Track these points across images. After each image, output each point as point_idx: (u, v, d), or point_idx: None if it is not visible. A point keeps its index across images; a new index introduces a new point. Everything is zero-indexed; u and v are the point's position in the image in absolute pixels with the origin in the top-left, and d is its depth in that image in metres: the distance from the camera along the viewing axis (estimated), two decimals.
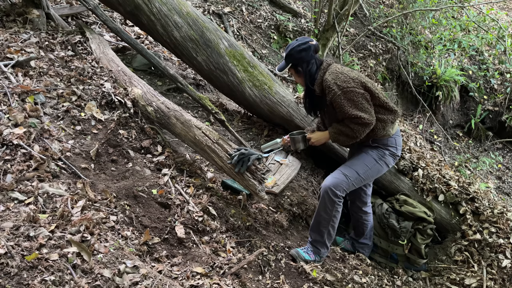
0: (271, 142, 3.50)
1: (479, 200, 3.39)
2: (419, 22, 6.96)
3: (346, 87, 2.53)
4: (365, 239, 3.18)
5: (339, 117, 2.65)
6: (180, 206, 2.45)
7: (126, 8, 3.48)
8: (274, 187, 3.09)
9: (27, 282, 1.57)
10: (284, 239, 2.87)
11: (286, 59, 2.71)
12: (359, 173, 2.72)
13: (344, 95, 2.53)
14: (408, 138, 5.65)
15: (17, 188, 2.03)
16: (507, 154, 7.27)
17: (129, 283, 1.74)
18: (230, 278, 2.12)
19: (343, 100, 2.53)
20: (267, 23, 5.90)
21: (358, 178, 2.73)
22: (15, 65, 2.80)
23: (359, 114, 2.52)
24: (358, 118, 2.52)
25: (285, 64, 2.73)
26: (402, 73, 6.73)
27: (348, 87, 2.53)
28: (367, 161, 2.75)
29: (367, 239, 3.20)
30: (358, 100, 2.54)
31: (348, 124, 2.59)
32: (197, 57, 3.51)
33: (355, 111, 2.52)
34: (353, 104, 2.53)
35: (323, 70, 2.66)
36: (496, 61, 7.46)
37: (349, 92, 2.52)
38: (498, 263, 3.12)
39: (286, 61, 2.71)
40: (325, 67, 2.67)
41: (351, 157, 2.91)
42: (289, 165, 3.39)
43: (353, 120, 2.55)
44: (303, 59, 2.65)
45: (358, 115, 2.52)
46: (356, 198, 3.08)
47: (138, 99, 2.94)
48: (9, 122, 2.34)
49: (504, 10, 9.34)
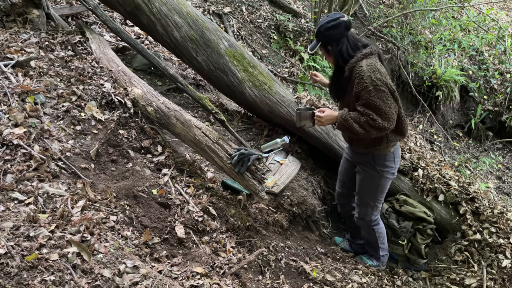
0: (271, 142, 3.51)
1: (479, 200, 3.39)
2: (419, 22, 6.95)
3: (380, 85, 2.32)
4: (361, 240, 3.19)
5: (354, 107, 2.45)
6: (180, 206, 2.45)
7: (126, 8, 3.48)
8: (274, 187, 3.09)
9: (27, 282, 1.57)
10: (284, 239, 2.87)
11: (316, 37, 2.49)
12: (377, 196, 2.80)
13: (376, 92, 2.32)
14: (408, 138, 5.66)
15: (17, 188, 2.03)
16: (507, 154, 7.27)
17: (129, 283, 1.74)
18: (230, 278, 2.12)
19: (372, 97, 2.32)
20: (267, 23, 5.90)
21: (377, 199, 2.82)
22: (15, 65, 2.80)
23: (380, 120, 2.34)
24: (377, 123, 2.34)
25: (315, 43, 2.50)
26: (402, 73, 6.73)
27: (382, 86, 2.33)
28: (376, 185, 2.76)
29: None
30: (387, 103, 2.34)
31: (363, 121, 2.37)
32: (197, 57, 3.51)
33: (380, 113, 2.34)
34: (381, 105, 2.33)
35: (363, 55, 2.39)
36: (496, 61, 7.46)
37: (382, 91, 2.33)
38: (498, 263, 3.12)
39: (316, 39, 2.50)
40: (367, 52, 2.39)
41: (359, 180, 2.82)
42: (289, 165, 3.39)
43: (371, 122, 2.35)
44: (332, 36, 2.43)
45: (379, 120, 2.34)
46: (346, 201, 3.12)
47: (138, 99, 2.94)
48: (9, 122, 2.34)
49: (504, 10, 9.34)
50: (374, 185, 2.75)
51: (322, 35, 2.46)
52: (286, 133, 3.64)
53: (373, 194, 2.79)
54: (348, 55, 2.44)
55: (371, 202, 2.82)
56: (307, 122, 2.61)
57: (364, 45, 2.47)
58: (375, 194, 2.79)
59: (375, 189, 2.76)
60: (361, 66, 2.36)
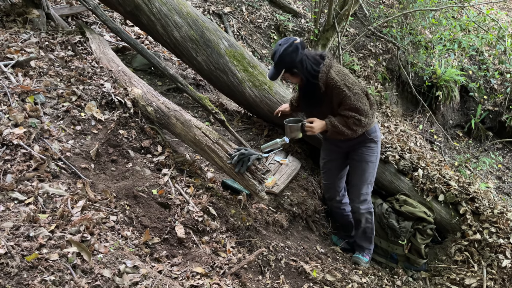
0: (271, 142, 3.50)
1: (479, 200, 3.39)
2: (419, 22, 6.95)
3: (355, 88, 2.64)
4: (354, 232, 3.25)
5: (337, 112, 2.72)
6: (180, 206, 2.45)
7: (126, 8, 3.48)
8: (274, 187, 3.09)
9: (27, 282, 1.57)
10: (284, 239, 2.87)
11: (278, 66, 2.63)
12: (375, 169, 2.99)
13: (354, 96, 2.63)
14: (408, 138, 5.66)
15: (17, 188, 2.03)
16: (507, 154, 7.27)
17: (129, 283, 1.74)
18: (230, 278, 2.12)
19: (352, 101, 2.62)
20: (267, 23, 5.91)
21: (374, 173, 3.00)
22: (15, 65, 2.80)
23: (363, 118, 2.67)
24: (362, 121, 2.67)
25: (276, 72, 2.65)
26: (402, 73, 6.73)
27: (356, 89, 2.64)
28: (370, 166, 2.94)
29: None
30: (363, 102, 2.67)
31: (351, 123, 2.67)
32: (197, 57, 3.51)
33: (362, 114, 2.66)
34: (360, 105, 2.64)
35: (327, 67, 2.63)
36: (496, 61, 7.46)
37: (357, 94, 2.64)
38: (498, 263, 3.12)
39: (278, 68, 2.63)
40: (328, 63, 2.64)
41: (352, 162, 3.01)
42: (289, 165, 3.39)
43: (357, 122, 2.67)
44: (295, 60, 2.60)
45: (362, 119, 2.66)
46: (333, 195, 3.21)
47: (138, 99, 2.94)
48: (9, 122, 2.34)
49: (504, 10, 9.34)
50: (373, 156, 2.94)
51: (284, 61, 2.60)
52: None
53: (373, 167, 2.95)
54: (315, 71, 2.64)
55: (371, 178, 2.98)
56: (298, 133, 2.82)
57: (321, 56, 2.69)
58: (374, 167, 2.97)
59: (374, 160, 2.95)
60: (333, 78, 2.61)
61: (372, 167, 2.94)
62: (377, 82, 6.34)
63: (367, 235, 3.12)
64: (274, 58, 2.62)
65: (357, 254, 3.13)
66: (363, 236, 3.12)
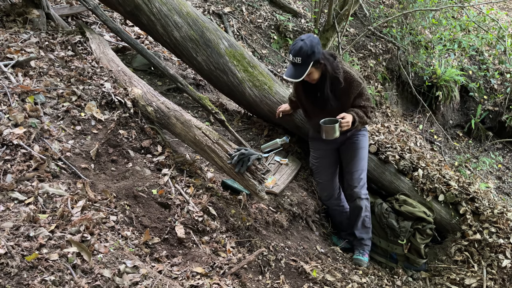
0: (271, 142, 3.51)
1: (479, 200, 3.39)
2: (419, 22, 6.95)
3: (363, 81, 2.84)
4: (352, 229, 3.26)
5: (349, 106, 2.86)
6: (180, 206, 2.45)
7: (126, 8, 3.48)
8: (274, 187, 3.09)
9: (27, 282, 1.57)
10: (284, 239, 2.87)
11: (307, 59, 2.53)
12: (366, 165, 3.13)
13: (365, 88, 2.86)
14: (408, 138, 5.66)
15: (17, 188, 2.03)
16: (507, 154, 7.27)
17: (129, 283, 1.74)
18: (230, 278, 2.12)
19: (366, 92, 2.84)
20: (267, 23, 5.91)
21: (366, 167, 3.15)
22: (15, 65, 2.80)
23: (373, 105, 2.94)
24: (374, 109, 2.96)
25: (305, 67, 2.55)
26: (402, 73, 6.73)
27: (363, 82, 2.84)
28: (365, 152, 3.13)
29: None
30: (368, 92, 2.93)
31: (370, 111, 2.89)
32: (197, 57, 3.51)
33: (371, 102, 2.92)
34: (369, 95, 2.91)
35: (339, 62, 2.76)
36: (496, 61, 7.46)
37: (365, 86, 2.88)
38: (498, 263, 3.12)
39: (306, 62, 2.54)
40: (340, 59, 2.79)
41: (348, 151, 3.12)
42: (289, 165, 3.39)
43: (372, 110, 2.92)
44: (321, 52, 2.65)
45: (374, 107, 2.96)
46: (330, 192, 3.24)
47: (138, 99, 2.94)
48: (9, 122, 2.34)
49: (504, 10, 9.34)
50: (367, 142, 3.16)
51: (314, 53, 2.55)
52: (286, 133, 3.64)
53: (366, 153, 3.14)
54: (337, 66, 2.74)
55: (366, 164, 3.14)
56: (335, 133, 2.71)
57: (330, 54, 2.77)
58: (367, 153, 3.16)
59: (367, 146, 3.18)
60: (349, 72, 2.76)
61: (366, 153, 3.13)
62: (377, 82, 6.34)
63: (365, 225, 3.16)
64: (302, 52, 2.51)
65: (358, 255, 3.13)
66: (362, 226, 3.15)
